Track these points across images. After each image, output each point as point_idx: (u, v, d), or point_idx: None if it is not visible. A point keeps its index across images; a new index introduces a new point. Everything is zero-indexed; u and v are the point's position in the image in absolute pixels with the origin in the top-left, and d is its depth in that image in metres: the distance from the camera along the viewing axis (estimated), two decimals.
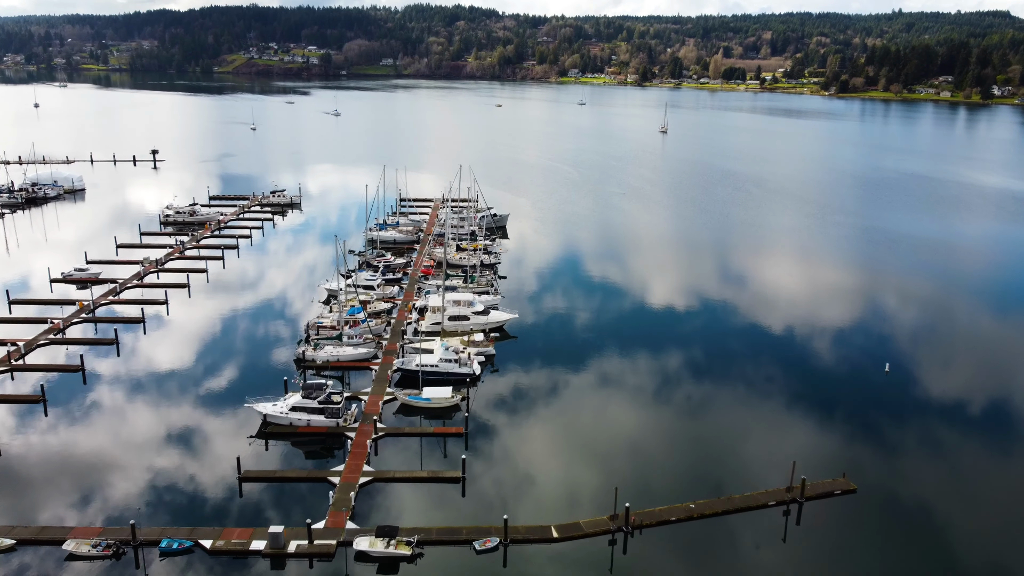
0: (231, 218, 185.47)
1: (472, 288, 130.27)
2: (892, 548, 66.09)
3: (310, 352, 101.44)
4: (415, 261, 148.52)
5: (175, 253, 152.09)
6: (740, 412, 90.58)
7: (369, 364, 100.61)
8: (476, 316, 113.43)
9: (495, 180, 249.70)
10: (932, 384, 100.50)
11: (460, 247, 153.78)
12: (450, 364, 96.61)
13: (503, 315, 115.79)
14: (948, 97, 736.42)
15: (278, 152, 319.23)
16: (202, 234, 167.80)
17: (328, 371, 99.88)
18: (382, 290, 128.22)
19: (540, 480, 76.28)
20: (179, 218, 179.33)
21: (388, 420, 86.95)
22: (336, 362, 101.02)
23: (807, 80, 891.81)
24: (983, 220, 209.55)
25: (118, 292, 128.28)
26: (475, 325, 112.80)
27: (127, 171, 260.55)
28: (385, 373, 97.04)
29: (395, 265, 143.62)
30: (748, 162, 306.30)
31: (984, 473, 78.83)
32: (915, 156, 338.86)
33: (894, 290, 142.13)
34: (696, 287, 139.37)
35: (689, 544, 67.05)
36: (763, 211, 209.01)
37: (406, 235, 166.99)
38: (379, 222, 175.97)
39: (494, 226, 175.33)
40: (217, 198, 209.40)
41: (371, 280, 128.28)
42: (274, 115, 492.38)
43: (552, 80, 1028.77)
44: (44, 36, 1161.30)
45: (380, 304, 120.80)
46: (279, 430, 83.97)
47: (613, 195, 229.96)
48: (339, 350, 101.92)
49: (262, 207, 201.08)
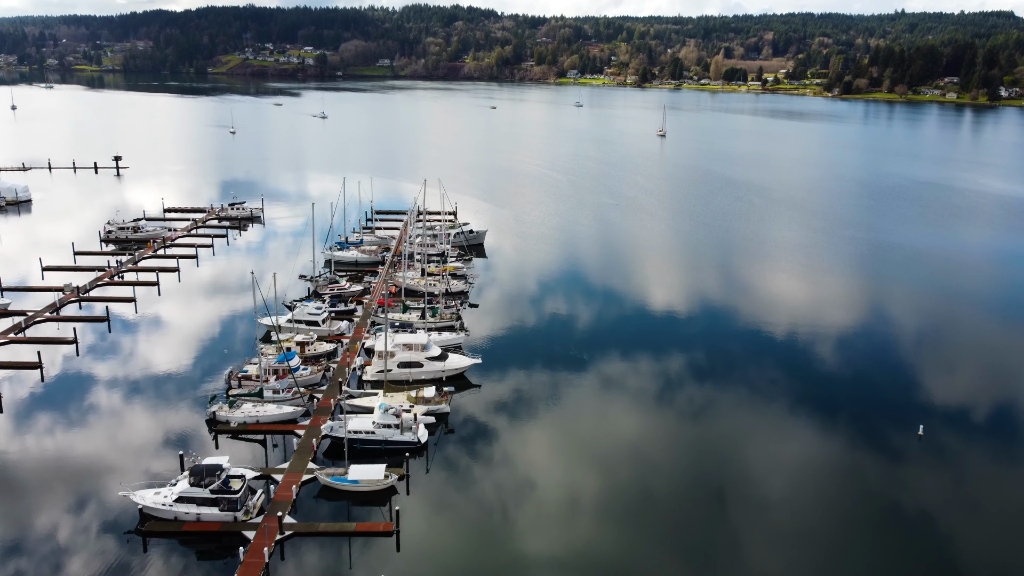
0: (181, 234, 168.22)
1: (433, 323, 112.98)
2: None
3: (224, 412, 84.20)
4: (374, 288, 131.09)
5: (105, 277, 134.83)
6: (739, 481, 73.57)
7: (295, 428, 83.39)
8: (431, 362, 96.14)
9: (477, 189, 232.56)
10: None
11: (426, 271, 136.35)
12: (388, 430, 79.38)
13: (464, 360, 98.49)
14: (954, 99, 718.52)
15: (252, 158, 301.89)
16: (143, 254, 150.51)
17: (246, 436, 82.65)
18: (328, 326, 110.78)
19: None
20: (122, 235, 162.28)
21: (302, 511, 69.62)
22: (255, 424, 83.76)
23: (809, 81, 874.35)
24: (1002, 233, 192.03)
25: (23, 328, 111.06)
26: (428, 374, 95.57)
27: (87, 179, 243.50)
28: (310, 441, 79.77)
29: (348, 294, 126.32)
30: (750, 168, 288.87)
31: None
32: (925, 161, 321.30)
33: (910, 307, 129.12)
34: (697, 321, 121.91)
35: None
36: (767, 225, 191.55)
37: (369, 255, 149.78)
38: (341, 240, 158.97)
39: (466, 244, 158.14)
40: (173, 210, 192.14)
41: (315, 314, 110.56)
42: (259, 117, 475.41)
43: (551, 81, 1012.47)
44: (38, 37, 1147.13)
45: (321, 345, 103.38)
46: (162, 527, 66.66)
47: (605, 206, 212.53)
48: (259, 409, 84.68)
49: (220, 220, 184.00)
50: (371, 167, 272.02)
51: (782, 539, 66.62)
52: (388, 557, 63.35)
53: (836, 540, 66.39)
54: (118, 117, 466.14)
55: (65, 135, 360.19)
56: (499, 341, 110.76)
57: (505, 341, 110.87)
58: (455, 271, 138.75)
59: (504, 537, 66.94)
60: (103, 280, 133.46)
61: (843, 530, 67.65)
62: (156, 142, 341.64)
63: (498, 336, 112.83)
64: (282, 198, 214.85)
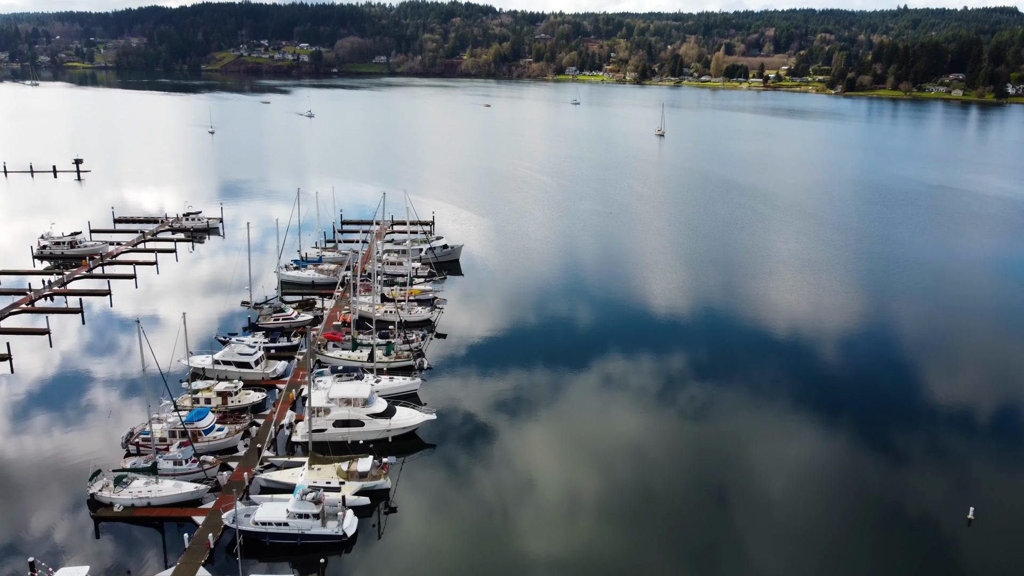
0: (124, 249, 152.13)
1: (387, 362, 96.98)
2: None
3: (107, 492, 68.17)
4: (326, 317, 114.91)
5: (23, 303, 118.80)
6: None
7: (195, 512, 67.36)
8: (374, 420, 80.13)
9: (459, 196, 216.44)
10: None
11: (386, 296, 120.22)
12: (306, 521, 63.38)
13: (415, 415, 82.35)
14: (960, 96, 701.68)
15: (225, 161, 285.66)
16: (74, 273, 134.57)
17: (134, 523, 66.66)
18: (263, 368, 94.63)
19: None
20: (57, 250, 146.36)
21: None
22: (145, 509, 67.73)
23: (812, 78, 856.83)
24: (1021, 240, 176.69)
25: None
26: (371, 434, 79.66)
27: (44, 184, 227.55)
28: (207, 536, 63.72)
29: (293, 325, 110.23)
30: (752, 171, 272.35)
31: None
32: (935, 162, 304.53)
33: (923, 317, 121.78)
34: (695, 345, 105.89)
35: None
36: (772, 236, 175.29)
37: (328, 276, 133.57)
38: (300, 256, 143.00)
39: (435, 260, 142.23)
40: (123, 221, 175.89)
41: (246, 354, 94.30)
42: (242, 116, 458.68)
43: (549, 78, 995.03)
44: (31, 33, 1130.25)
45: (248, 395, 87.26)
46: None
47: (596, 215, 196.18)
48: (151, 488, 68.64)
49: (173, 232, 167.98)
50: (349, 170, 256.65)
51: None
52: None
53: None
54: (94, 116, 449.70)
55: (31, 135, 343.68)
56: (466, 384, 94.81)
57: (473, 384, 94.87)
58: (420, 295, 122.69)
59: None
60: (19, 307, 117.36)
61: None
62: (127, 143, 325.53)
63: (465, 377, 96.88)
64: (246, 206, 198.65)
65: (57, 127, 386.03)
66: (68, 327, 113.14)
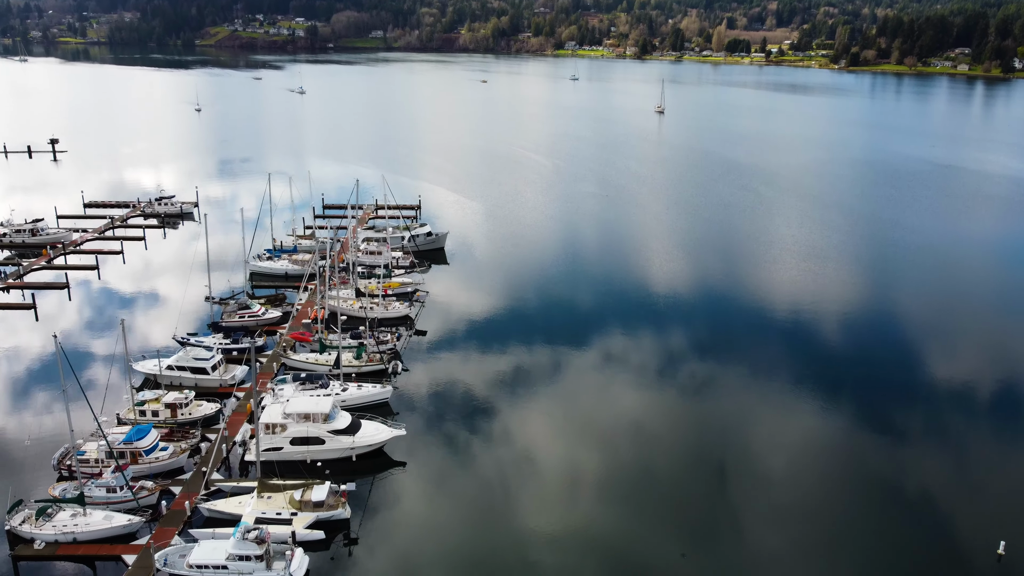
0: (91, 236, 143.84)
1: (357, 367, 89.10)
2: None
3: (28, 526, 60.51)
4: (297, 314, 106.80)
5: None
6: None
7: (128, 550, 59.73)
8: (336, 437, 72.34)
9: (448, 177, 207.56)
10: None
11: (362, 291, 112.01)
12: (248, 564, 55.71)
13: (383, 431, 74.46)
14: (966, 71, 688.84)
15: (209, 140, 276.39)
16: (32, 264, 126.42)
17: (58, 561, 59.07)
18: (221, 374, 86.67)
19: None
20: (17, 238, 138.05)
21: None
22: (71, 546, 60.11)
23: (815, 53, 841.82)
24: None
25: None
26: (332, 452, 71.93)
27: (18, 164, 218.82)
28: None
29: (260, 323, 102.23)
30: (754, 150, 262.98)
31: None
32: (942, 140, 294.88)
33: (932, 301, 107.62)
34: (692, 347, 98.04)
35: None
36: (776, 221, 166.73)
37: (303, 267, 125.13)
38: (275, 246, 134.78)
39: (416, 249, 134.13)
40: (93, 205, 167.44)
41: (202, 359, 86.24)
42: (232, 93, 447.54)
43: (548, 53, 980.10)
44: (23, 8, 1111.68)
45: (201, 407, 79.30)
46: None
47: (592, 198, 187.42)
48: (78, 522, 60.98)
49: (146, 217, 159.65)
50: (336, 150, 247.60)
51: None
52: None
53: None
54: (78, 94, 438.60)
55: (9, 114, 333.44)
56: (446, 390, 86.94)
57: (454, 390, 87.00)
58: (400, 288, 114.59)
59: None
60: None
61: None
62: (109, 122, 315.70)
63: (445, 382, 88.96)
64: (224, 190, 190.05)
65: (38, 105, 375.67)
66: (19, 326, 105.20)
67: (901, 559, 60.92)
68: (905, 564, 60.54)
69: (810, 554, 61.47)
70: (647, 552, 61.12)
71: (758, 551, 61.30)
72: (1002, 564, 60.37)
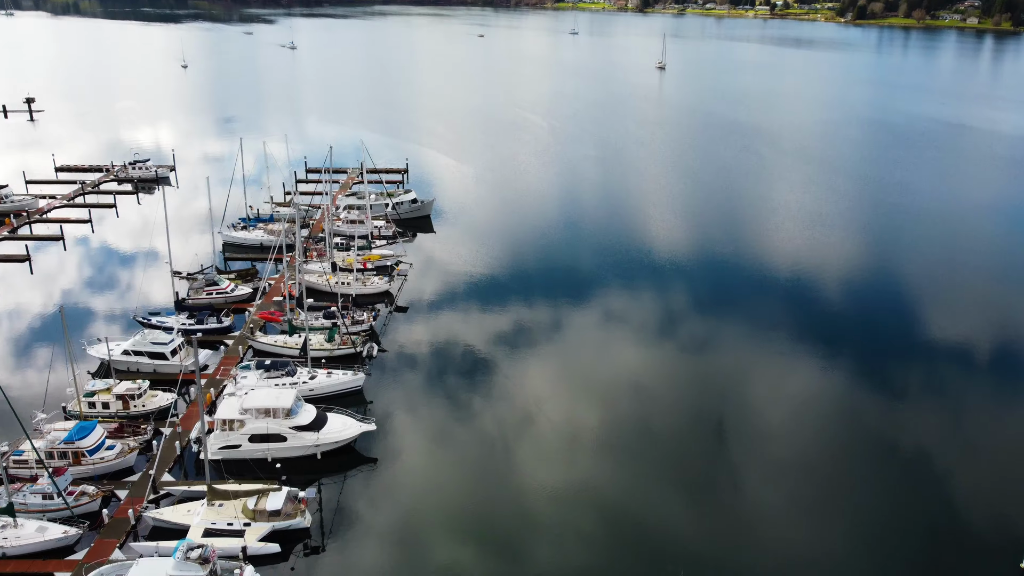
0: (60, 203, 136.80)
1: (328, 351, 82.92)
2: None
3: None
4: (269, 290, 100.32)
5: None
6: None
7: (61, 567, 54.08)
8: (299, 433, 66.37)
9: (438, 139, 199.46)
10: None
11: (338, 265, 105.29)
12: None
13: (351, 425, 68.36)
14: (975, 24, 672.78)
15: (193, 99, 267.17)
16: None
17: None
18: (181, 359, 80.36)
19: None
20: None
21: None
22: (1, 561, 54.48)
23: (821, 6, 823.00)
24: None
25: None
26: (295, 450, 66.06)
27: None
28: None
29: (229, 300, 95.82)
30: (757, 109, 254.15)
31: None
32: (953, 98, 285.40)
33: (941, 264, 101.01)
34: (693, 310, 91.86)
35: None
36: (780, 186, 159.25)
37: (279, 237, 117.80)
38: (250, 214, 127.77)
39: (399, 218, 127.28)
40: (65, 169, 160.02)
41: (160, 343, 79.93)
42: (220, 49, 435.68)
43: (548, 6, 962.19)
44: None
45: (156, 398, 73.24)
46: None
47: (588, 160, 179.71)
48: (7, 534, 55.23)
49: (120, 183, 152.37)
50: (323, 109, 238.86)
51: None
52: None
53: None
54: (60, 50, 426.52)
55: None
56: (424, 375, 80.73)
57: (434, 374, 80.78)
58: (380, 261, 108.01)
59: None
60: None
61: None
62: (90, 80, 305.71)
63: (425, 366, 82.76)
64: (203, 152, 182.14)
65: (17, 62, 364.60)
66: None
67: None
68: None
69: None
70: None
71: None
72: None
